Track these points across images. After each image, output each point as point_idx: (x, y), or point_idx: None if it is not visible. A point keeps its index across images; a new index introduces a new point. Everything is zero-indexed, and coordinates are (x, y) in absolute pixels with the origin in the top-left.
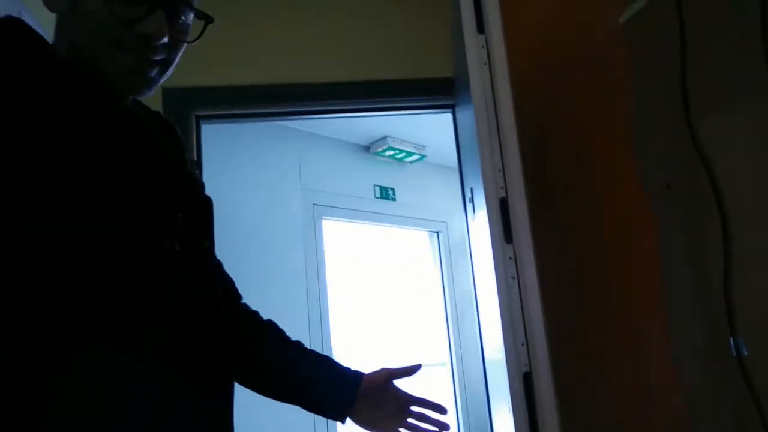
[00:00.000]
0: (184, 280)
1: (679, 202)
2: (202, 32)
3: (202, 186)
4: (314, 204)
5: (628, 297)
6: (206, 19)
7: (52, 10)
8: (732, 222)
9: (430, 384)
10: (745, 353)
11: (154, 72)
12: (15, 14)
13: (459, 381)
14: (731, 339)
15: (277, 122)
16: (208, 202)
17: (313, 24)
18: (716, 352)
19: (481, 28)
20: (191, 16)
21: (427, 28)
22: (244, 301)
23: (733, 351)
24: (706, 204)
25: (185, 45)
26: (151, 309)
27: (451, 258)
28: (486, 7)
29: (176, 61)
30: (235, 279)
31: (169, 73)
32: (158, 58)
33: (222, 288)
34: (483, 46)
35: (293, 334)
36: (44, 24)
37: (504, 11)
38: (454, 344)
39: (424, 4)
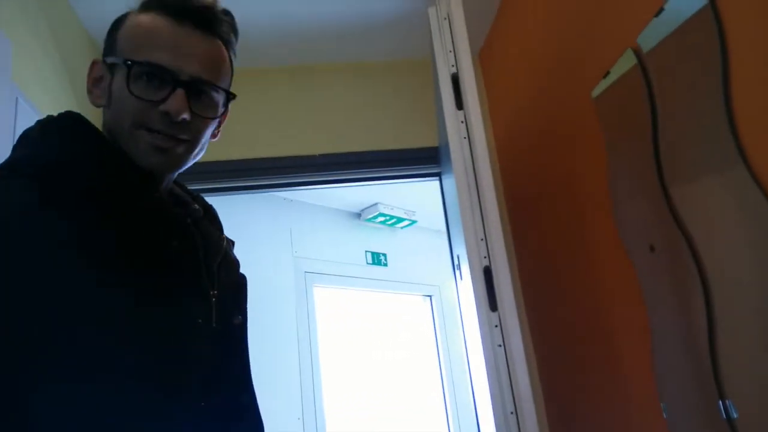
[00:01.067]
0: (215, 353)
1: (662, 264)
2: (225, 109)
3: (238, 265)
4: (306, 272)
5: (617, 362)
6: (228, 95)
7: (97, 106)
8: (713, 284)
9: None
10: (735, 416)
11: (181, 149)
12: (12, 100)
13: None
14: (720, 402)
15: (269, 193)
16: (243, 281)
17: (302, 100)
18: (707, 414)
19: (459, 104)
20: (216, 93)
21: (413, 100)
22: None
23: (723, 414)
24: (688, 266)
25: (213, 121)
26: (185, 378)
27: (445, 321)
28: (464, 84)
29: (204, 138)
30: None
31: (198, 149)
32: (183, 137)
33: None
34: (462, 122)
35: (286, 401)
36: (40, 108)
37: (483, 85)
38: (451, 409)
39: (410, 78)
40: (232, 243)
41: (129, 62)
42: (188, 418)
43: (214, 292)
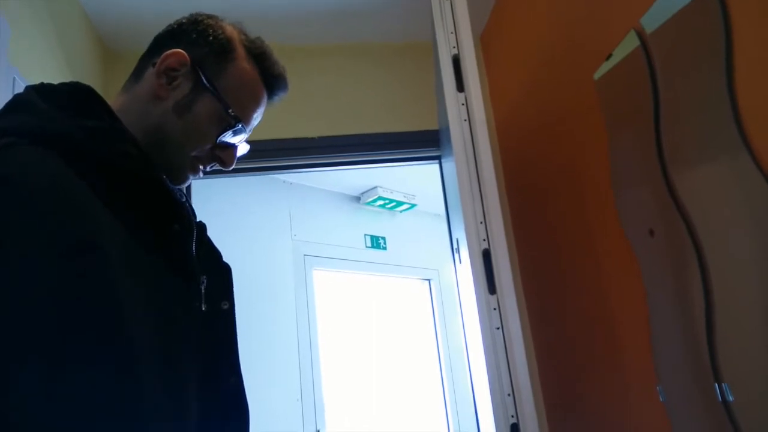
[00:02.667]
0: (205, 336)
1: (661, 248)
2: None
3: (220, 254)
4: (305, 255)
5: (616, 344)
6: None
7: (157, 96)
8: (712, 269)
9: None
10: (731, 399)
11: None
12: (9, 80)
13: (453, 430)
14: (716, 385)
15: (268, 175)
16: (228, 268)
17: (302, 81)
18: (704, 397)
19: (460, 86)
20: None
21: (413, 83)
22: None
23: (719, 397)
24: (687, 250)
25: None
26: (182, 361)
27: (444, 305)
28: (465, 67)
29: None
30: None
31: None
32: (208, 171)
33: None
34: (463, 104)
35: (285, 385)
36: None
37: (484, 69)
38: (448, 392)
39: (411, 60)
40: (205, 226)
41: (235, 117)
42: (182, 399)
43: (203, 278)
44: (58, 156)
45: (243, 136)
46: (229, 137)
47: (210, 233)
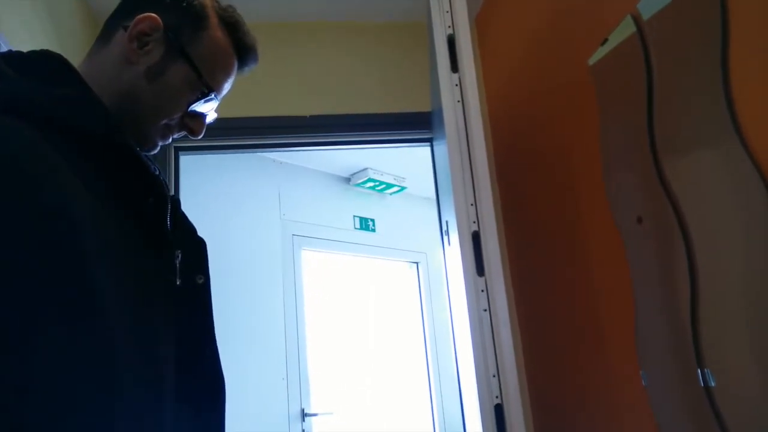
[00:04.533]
0: (181, 310)
1: (649, 235)
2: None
3: (194, 228)
4: (294, 235)
5: (601, 328)
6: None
7: (129, 60)
8: (698, 256)
9: (410, 416)
10: (713, 384)
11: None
12: None
13: (438, 411)
14: (699, 371)
15: (258, 153)
16: (203, 243)
17: (293, 59)
18: (686, 382)
19: (455, 67)
20: None
21: (406, 63)
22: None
23: (701, 382)
24: (675, 238)
25: None
26: (155, 334)
27: (431, 289)
28: (460, 47)
29: None
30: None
31: None
32: (176, 138)
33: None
34: (456, 85)
35: (270, 364)
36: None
37: (478, 50)
38: (433, 374)
39: (404, 41)
40: (179, 201)
41: (206, 86)
42: (157, 369)
43: (178, 252)
44: (28, 125)
45: (213, 105)
46: (200, 106)
47: (198, 210)
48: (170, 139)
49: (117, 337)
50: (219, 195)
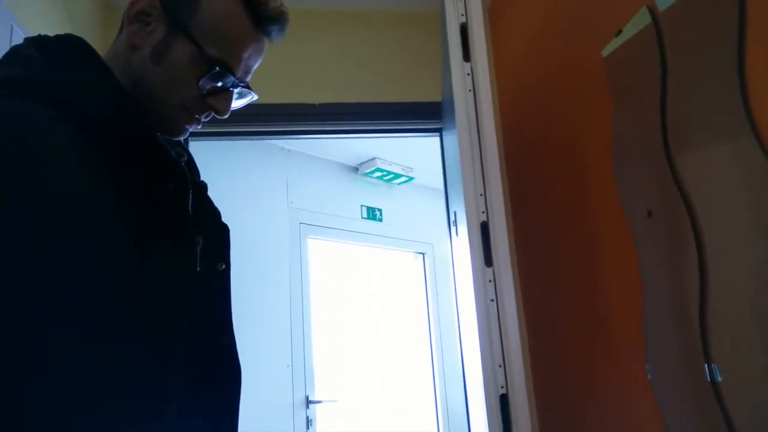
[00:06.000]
0: (199, 297)
1: (659, 229)
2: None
3: (219, 214)
4: (301, 223)
5: (608, 319)
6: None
7: (133, 44)
8: (708, 250)
9: (414, 405)
10: (720, 379)
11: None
12: (6, 27)
13: (441, 401)
14: (705, 366)
15: (266, 141)
16: (226, 229)
17: (303, 46)
18: (692, 377)
19: (467, 56)
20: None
21: (416, 53)
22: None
23: (708, 377)
24: (685, 232)
25: None
26: (173, 319)
27: (437, 279)
28: (473, 36)
29: None
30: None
31: None
32: (205, 121)
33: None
34: (468, 74)
35: (275, 351)
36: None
37: (490, 40)
38: (437, 364)
39: (415, 30)
40: (206, 186)
41: (211, 58)
42: (175, 359)
43: (199, 239)
44: (48, 109)
45: (230, 79)
46: (212, 81)
47: (209, 196)
48: (199, 122)
49: (130, 325)
50: (227, 181)
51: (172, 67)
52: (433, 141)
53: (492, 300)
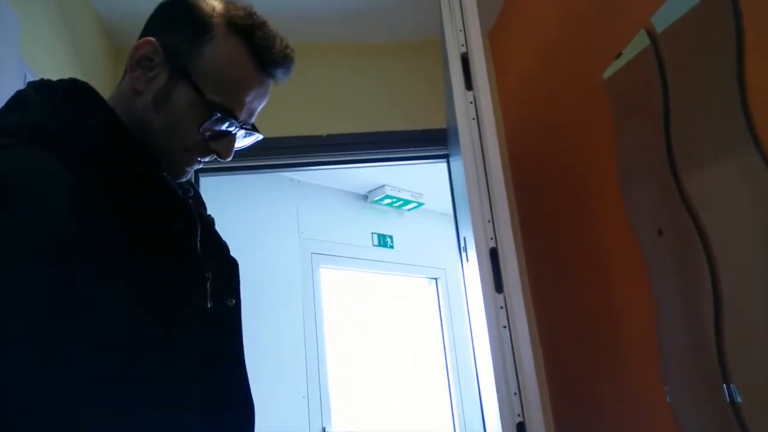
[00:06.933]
0: (211, 333)
1: (670, 248)
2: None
3: (228, 249)
4: (312, 253)
5: (623, 343)
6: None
7: (135, 90)
8: (721, 269)
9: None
10: (739, 400)
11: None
12: (20, 76)
13: (460, 430)
14: (724, 386)
15: (276, 173)
16: (235, 264)
17: (309, 79)
18: (711, 398)
19: (469, 84)
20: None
21: (421, 81)
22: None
23: (727, 398)
24: (696, 251)
25: None
26: (185, 357)
27: (450, 304)
28: (474, 65)
29: None
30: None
31: None
32: (207, 161)
33: None
34: (471, 102)
35: (291, 382)
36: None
37: (492, 68)
38: (455, 392)
39: (418, 58)
40: (213, 221)
41: (212, 104)
42: (186, 398)
43: (209, 274)
44: (53, 153)
45: (232, 123)
46: (214, 126)
47: (218, 230)
48: (199, 164)
49: (144, 363)
50: (238, 214)
51: (174, 113)
52: (441, 166)
53: (504, 327)
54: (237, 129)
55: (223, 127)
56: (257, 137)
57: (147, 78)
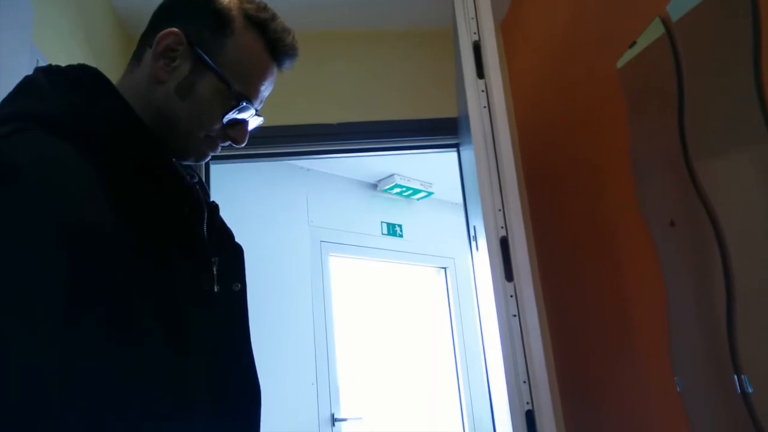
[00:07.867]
0: (217, 318)
1: (682, 239)
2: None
3: (233, 235)
4: (322, 241)
5: (633, 332)
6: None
7: (158, 79)
8: (734, 260)
9: (440, 421)
10: (750, 391)
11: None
12: (32, 62)
13: (468, 417)
14: (735, 377)
15: (286, 161)
16: (240, 250)
17: (320, 67)
18: (722, 389)
19: (480, 73)
20: None
21: (432, 70)
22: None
23: (738, 389)
24: (709, 241)
25: None
26: (191, 342)
27: (459, 294)
28: (485, 53)
29: None
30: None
31: None
32: (224, 145)
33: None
34: (483, 91)
35: (300, 369)
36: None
37: (504, 56)
38: (463, 380)
39: (430, 47)
40: (218, 207)
41: (239, 94)
42: (194, 383)
43: (215, 259)
44: (64, 139)
45: (251, 112)
46: (236, 115)
47: (227, 218)
48: (218, 149)
49: (149, 351)
50: (248, 202)
51: (199, 102)
52: (451, 155)
53: (514, 315)
54: (252, 116)
55: (245, 116)
56: (260, 121)
57: (170, 68)
